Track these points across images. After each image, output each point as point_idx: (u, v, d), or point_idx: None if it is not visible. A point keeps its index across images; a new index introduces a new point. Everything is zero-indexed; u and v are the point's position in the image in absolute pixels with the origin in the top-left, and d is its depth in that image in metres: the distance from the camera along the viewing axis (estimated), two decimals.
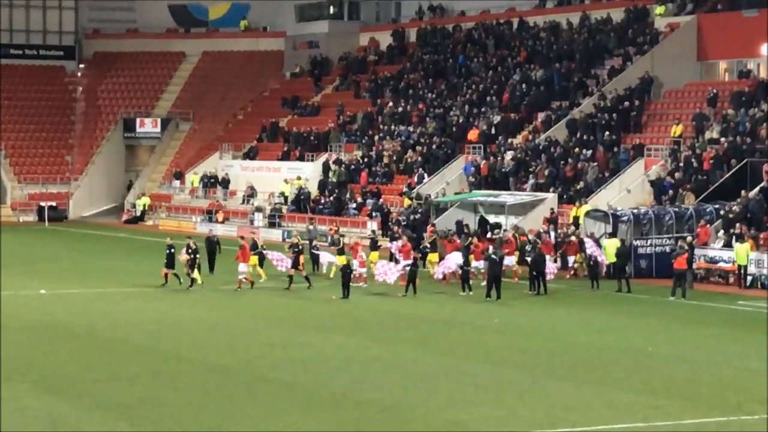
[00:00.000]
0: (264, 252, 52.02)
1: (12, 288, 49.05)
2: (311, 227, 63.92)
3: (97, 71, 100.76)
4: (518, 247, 52.85)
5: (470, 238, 53.33)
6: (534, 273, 49.03)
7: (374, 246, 54.01)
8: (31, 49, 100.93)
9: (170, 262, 49.80)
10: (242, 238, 53.63)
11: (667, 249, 52.76)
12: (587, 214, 57.61)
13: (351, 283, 47.96)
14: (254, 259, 50.85)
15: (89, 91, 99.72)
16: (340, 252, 52.27)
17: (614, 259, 51.20)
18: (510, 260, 49.98)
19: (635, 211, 56.56)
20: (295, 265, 49.79)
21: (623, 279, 50.28)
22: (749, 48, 68.31)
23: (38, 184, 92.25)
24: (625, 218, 55.05)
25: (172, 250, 50.01)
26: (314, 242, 58.18)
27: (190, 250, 49.70)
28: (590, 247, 51.83)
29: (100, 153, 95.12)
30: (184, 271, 49.55)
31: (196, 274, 49.50)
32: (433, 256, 52.62)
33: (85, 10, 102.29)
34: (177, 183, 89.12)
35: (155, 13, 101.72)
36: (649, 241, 54.43)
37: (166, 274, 50.03)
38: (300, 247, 51.05)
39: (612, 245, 51.66)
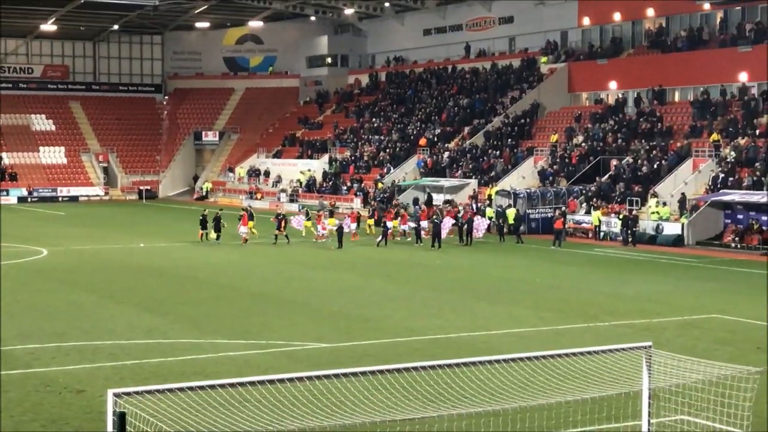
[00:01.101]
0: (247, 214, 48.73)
1: (121, 242, 48.95)
2: (322, 201, 63.73)
3: (176, 101, 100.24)
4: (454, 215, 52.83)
5: (421, 207, 53.36)
6: (463, 230, 49.10)
7: (331, 214, 52.25)
8: (134, 86, 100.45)
9: (215, 226, 48.09)
10: (244, 209, 50.46)
11: (549, 215, 52.86)
12: (497, 192, 57.65)
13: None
14: (251, 224, 48.57)
15: (171, 113, 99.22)
16: (331, 215, 51.59)
17: (512, 222, 51.25)
18: (447, 222, 50.01)
19: (528, 190, 56.62)
20: (279, 227, 48.24)
21: (519, 235, 50.41)
22: (601, 84, 68.32)
23: (138, 174, 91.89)
24: (521, 195, 55.10)
25: (208, 217, 48.82)
26: (323, 210, 56.77)
27: (280, 216, 48.75)
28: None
29: (178, 154, 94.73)
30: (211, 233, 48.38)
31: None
32: (395, 222, 52.19)
33: (168, 60, 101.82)
34: (230, 174, 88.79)
35: (214, 62, 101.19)
36: (537, 210, 54.49)
37: (203, 234, 48.47)
38: (282, 215, 49.61)
39: (512, 213, 51.72)
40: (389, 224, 49.25)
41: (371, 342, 24.01)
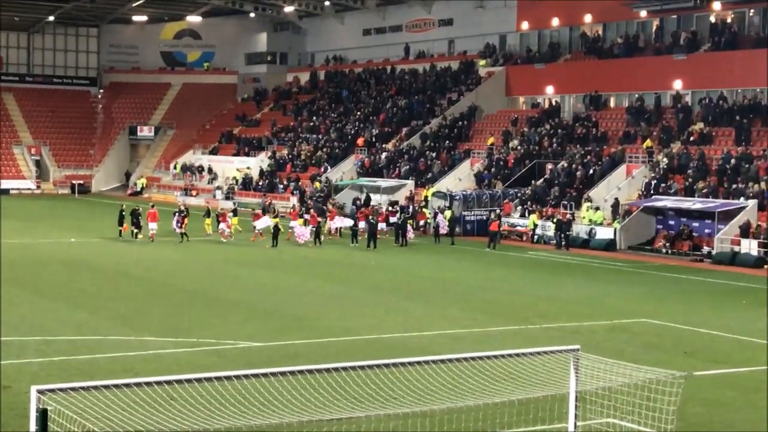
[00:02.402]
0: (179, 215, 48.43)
1: (52, 237, 48.33)
2: (265, 200, 62.89)
3: (111, 94, 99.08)
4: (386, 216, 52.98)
5: (359, 208, 53.35)
6: (399, 232, 49.21)
7: (235, 213, 51.35)
8: (68, 79, 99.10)
9: (132, 222, 47.54)
10: (152, 206, 49.69)
11: (485, 217, 53.13)
12: (433, 194, 57.81)
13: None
14: (208, 220, 48.82)
15: (106, 107, 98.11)
16: (270, 214, 51.09)
17: (448, 223, 51.52)
18: (382, 225, 49.98)
19: (464, 192, 56.86)
20: (180, 224, 47.55)
21: (453, 237, 50.64)
22: (538, 88, 68.86)
23: (71, 168, 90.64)
24: (457, 197, 55.33)
25: (123, 212, 48.18)
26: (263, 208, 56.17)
27: (182, 213, 48.43)
28: (437, 217, 52.07)
29: (113, 149, 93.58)
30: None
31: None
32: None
33: (104, 54, 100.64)
34: (164, 169, 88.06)
35: (151, 56, 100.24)
36: (473, 212, 54.75)
37: (128, 231, 47.81)
38: (185, 211, 48.75)
39: (448, 214, 51.97)
40: (294, 224, 48.70)
41: (304, 341, 23.97)
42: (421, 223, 53.92)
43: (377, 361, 13.48)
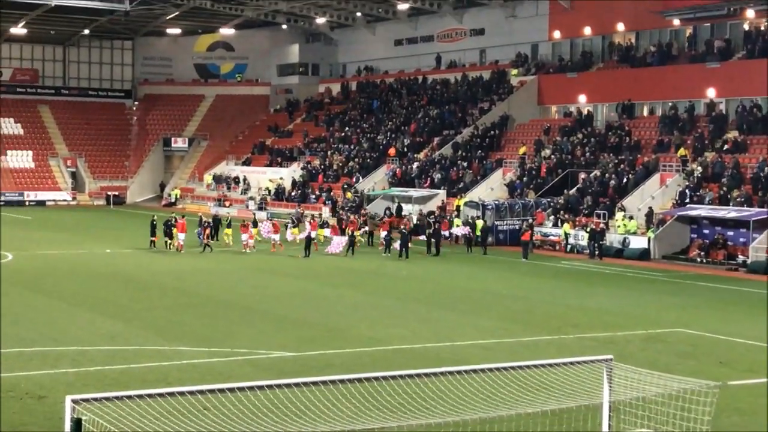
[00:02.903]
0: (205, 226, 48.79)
1: (88, 248, 48.67)
2: (297, 210, 62.92)
3: (146, 106, 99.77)
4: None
5: (391, 218, 53.39)
6: (430, 241, 49.14)
7: (255, 224, 50.96)
8: (103, 92, 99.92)
9: (165, 232, 47.63)
10: (182, 216, 50.34)
11: (517, 227, 53.02)
12: (466, 203, 57.77)
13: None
14: (228, 231, 49.05)
15: (141, 119, 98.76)
16: (299, 225, 50.88)
17: (480, 233, 51.44)
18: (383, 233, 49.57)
19: (496, 201, 56.78)
20: (204, 235, 47.66)
21: (486, 246, 50.55)
22: (570, 97, 68.66)
23: (106, 179, 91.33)
24: (490, 207, 55.25)
25: (158, 222, 48.50)
26: (295, 219, 56.40)
27: (205, 223, 48.78)
28: (462, 229, 52.10)
29: (147, 160, 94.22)
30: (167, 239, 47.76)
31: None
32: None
33: (138, 66, 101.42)
34: (198, 180, 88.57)
35: (185, 68, 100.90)
36: (505, 222, 54.64)
37: (153, 241, 48.13)
38: (207, 222, 48.89)
39: (479, 223, 51.91)
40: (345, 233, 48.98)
41: (335, 351, 23.99)
42: (445, 233, 53.42)
43: (409, 371, 13.47)
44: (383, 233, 50.34)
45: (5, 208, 79.79)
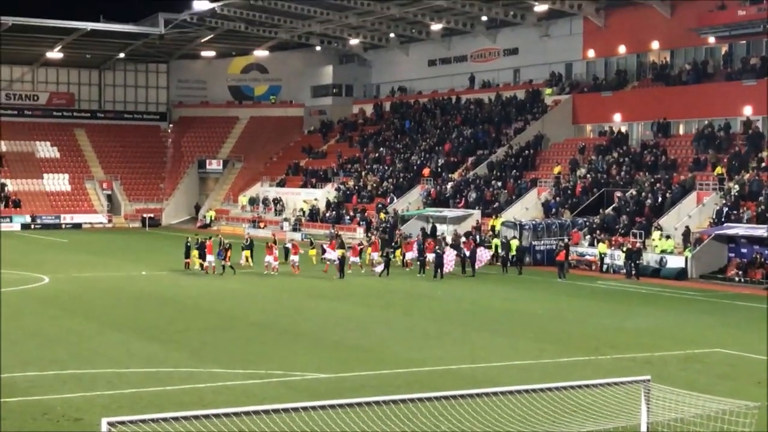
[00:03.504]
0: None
1: (124, 270, 48.97)
2: (332, 231, 62.88)
3: (180, 129, 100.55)
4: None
5: (426, 239, 53.27)
6: (465, 262, 48.99)
7: (311, 245, 52.08)
8: (139, 114, 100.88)
9: (199, 254, 47.87)
10: (208, 238, 49.98)
11: (553, 247, 52.79)
12: (503, 223, 57.55)
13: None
14: (247, 252, 49.04)
15: (176, 141, 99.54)
16: (341, 247, 50.87)
17: (515, 253, 51.16)
18: (451, 254, 49.47)
19: (533, 221, 56.61)
20: (224, 256, 47.52)
21: (521, 266, 50.38)
22: (605, 116, 68.45)
23: (142, 202, 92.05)
24: (526, 227, 55.10)
25: (189, 245, 48.98)
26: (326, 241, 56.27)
27: (227, 245, 48.46)
28: (486, 252, 50.89)
29: (182, 182, 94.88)
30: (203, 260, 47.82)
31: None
32: (398, 252, 52.33)
33: (173, 89, 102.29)
34: (232, 202, 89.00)
35: (219, 91, 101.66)
36: (542, 242, 54.45)
37: (187, 263, 48.54)
38: (228, 245, 48.67)
39: (514, 243, 51.70)
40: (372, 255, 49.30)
41: (371, 373, 23.95)
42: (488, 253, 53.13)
43: (445, 393, 13.42)
44: (409, 254, 50.48)
45: (43, 231, 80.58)
